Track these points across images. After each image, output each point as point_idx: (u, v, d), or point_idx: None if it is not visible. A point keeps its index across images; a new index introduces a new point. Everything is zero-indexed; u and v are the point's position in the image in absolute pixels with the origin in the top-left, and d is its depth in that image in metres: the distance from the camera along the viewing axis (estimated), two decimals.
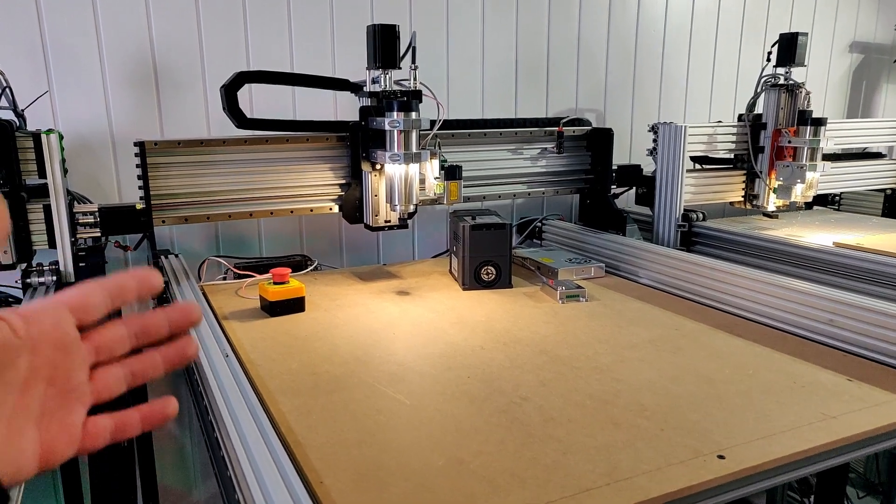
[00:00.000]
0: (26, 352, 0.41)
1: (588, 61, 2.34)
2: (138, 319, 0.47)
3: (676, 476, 0.77)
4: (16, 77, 1.48)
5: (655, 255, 1.64)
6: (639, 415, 0.93)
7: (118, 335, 0.46)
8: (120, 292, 0.46)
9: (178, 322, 0.49)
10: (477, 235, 1.55)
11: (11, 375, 0.40)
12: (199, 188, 1.60)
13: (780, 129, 2.05)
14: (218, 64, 1.79)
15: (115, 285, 0.46)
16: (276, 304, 1.36)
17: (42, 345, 0.42)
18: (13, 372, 0.40)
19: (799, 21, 2.75)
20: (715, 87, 2.64)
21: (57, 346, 0.42)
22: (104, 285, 0.46)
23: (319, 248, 1.99)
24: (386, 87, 1.56)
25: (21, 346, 0.40)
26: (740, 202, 2.18)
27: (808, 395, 0.99)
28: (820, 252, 1.68)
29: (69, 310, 0.44)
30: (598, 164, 2.05)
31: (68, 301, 0.44)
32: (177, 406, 0.48)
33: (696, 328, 1.30)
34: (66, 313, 0.44)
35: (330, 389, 1.02)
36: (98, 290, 0.46)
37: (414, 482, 0.77)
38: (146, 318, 0.48)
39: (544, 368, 1.10)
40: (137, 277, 0.47)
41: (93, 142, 1.71)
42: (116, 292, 0.46)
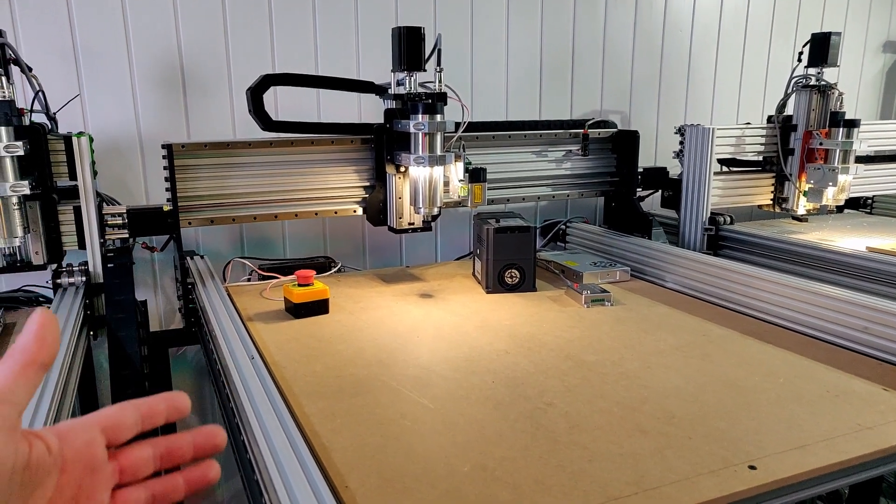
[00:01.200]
0: (56, 470, 0.41)
1: (613, 62, 2.32)
2: (164, 441, 0.48)
3: (706, 486, 0.75)
4: (48, 81, 1.50)
5: (682, 259, 1.61)
6: (666, 422, 0.91)
7: (144, 457, 0.47)
8: (151, 414, 0.47)
9: (203, 446, 0.49)
10: (501, 238, 1.54)
11: (39, 495, 0.40)
12: (224, 190, 1.61)
13: (811, 130, 2.01)
14: (244, 67, 1.81)
15: (148, 407, 0.47)
16: (300, 305, 1.37)
17: (72, 464, 0.42)
18: (41, 491, 0.40)
19: (830, 21, 2.70)
20: (743, 89, 2.60)
21: (86, 466, 0.43)
22: (137, 407, 0.47)
23: (343, 250, 2.00)
24: (411, 90, 1.56)
25: (53, 464, 0.40)
26: (769, 205, 2.14)
27: (842, 405, 0.97)
28: (852, 257, 1.64)
29: (101, 429, 0.44)
30: (624, 166, 2.03)
31: (102, 421, 0.45)
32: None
33: (724, 334, 1.28)
34: (99, 433, 0.44)
35: (354, 392, 1.02)
36: (131, 412, 0.46)
37: (439, 488, 0.77)
38: (172, 440, 0.48)
39: (570, 374, 1.09)
40: (168, 400, 0.48)
41: (121, 144, 1.74)
42: (148, 414, 0.47)
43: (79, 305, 1.34)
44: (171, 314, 1.84)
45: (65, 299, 1.36)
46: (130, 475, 0.46)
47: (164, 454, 0.48)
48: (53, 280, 1.44)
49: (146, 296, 1.80)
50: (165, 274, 1.83)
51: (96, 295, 1.44)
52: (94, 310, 1.43)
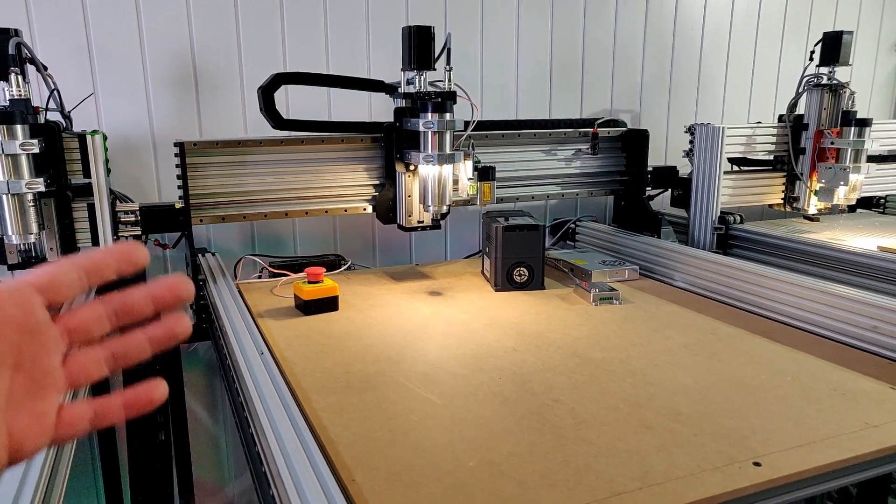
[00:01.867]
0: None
1: (623, 61, 2.32)
2: (117, 297, 0.42)
3: (711, 482, 0.76)
4: (63, 80, 1.52)
5: (691, 258, 1.61)
6: (673, 419, 0.92)
7: (95, 316, 0.42)
8: (97, 269, 0.42)
9: (165, 299, 0.43)
10: (510, 236, 1.55)
11: None
12: (235, 188, 1.63)
13: (822, 129, 2.00)
14: (255, 66, 1.82)
15: (91, 262, 0.42)
16: (310, 302, 1.38)
17: (5, 328, 0.38)
18: None
19: (843, 20, 2.68)
20: (754, 88, 2.59)
21: (22, 329, 0.38)
22: (77, 262, 0.42)
23: (353, 247, 2.01)
24: (420, 89, 1.56)
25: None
26: (779, 205, 2.13)
27: (850, 403, 0.96)
28: (863, 256, 1.63)
29: (37, 290, 0.40)
30: (633, 165, 2.03)
31: (36, 281, 0.40)
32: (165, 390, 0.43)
33: (732, 333, 1.28)
34: (34, 294, 0.39)
35: (363, 388, 1.03)
36: (70, 268, 0.41)
37: (445, 482, 0.77)
38: (127, 295, 0.43)
39: (577, 371, 1.09)
40: (117, 252, 0.43)
41: (135, 142, 1.76)
42: (92, 269, 0.42)
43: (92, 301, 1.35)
44: (183, 310, 1.86)
45: None
46: (83, 336, 0.42)
47: (121, 311, 0.42)
48: None
49: None
50: (177, 271, 1.85)
51: (109, 291, 1.45)
52: None
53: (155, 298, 0.43)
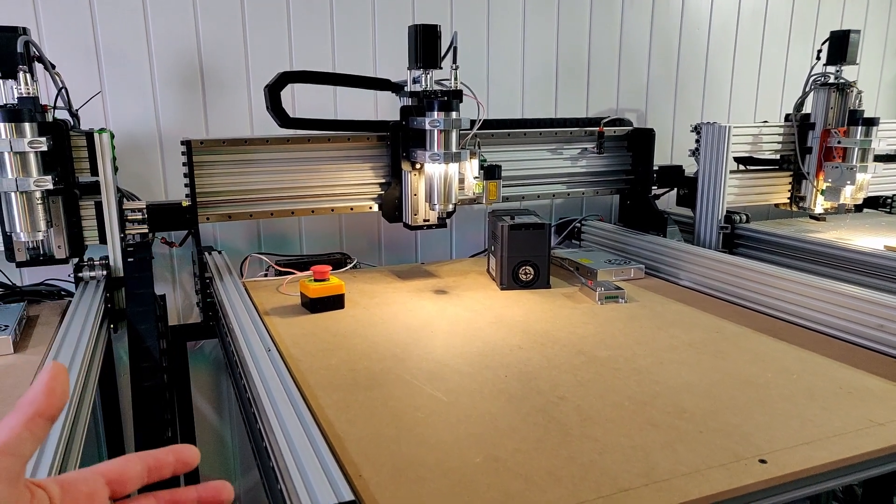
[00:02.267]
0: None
1: (630, 61, 2.32)
2: (169, 495, 0.47)
3: (716, 479, 0.76)
4: (71, 78, 1.53)
5: (696, 257, 1.61)
6: (678, 417, 0.92)
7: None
8: (157, 466, 0.46)
9: (208, 501, 0.48)
10: (515, 235, 1.55)
11: None
12: (242, 186, 1.64)
13: (829, 129, 2.00)
14: (262, 65, 1.83)
15: (154, 459, 0.46)
16: (316, 300, 1.39)
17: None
18: None
19: (850, 19, 2.67)
20: (761, 87, 2.58)
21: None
22: (143, 459, 0.46)
23: (359, 246, 2.02)
24: (427, 87, 1.57)
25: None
26: (786, 204, 2.13)
27: (855, 401, 0.96)
28: (870, 256, 1.63)
29: (105, 480, 0.44)
30: (639, 164, 2.03)
31: (106, 472, 0.44)
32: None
33: (737, 331, 1.28)
34: (103, 485, 0.44)
35: (369, 385, 1.03)
36: (136, 464, 0.46)
37: (451, 479, 0.78)
38: (177, 494, 0.47)
39: (582, 369, 1.09)
40: (176, 453, 0.48)
41: (142, 141, 1.77)
42: (154, 466, 0.46)
43: (100, 299, 1.37)
44: (190, 308, 1.87)
45: (86, 293, 1.39)
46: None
47: None
48: (75, 274, 1.47)
49: (165, 290, 1.83)
50: (184, 269, 1.86)
51: (117, 289, 1.47)
52: (114, 303, 1.46)
53: (201, 500, 0.47)
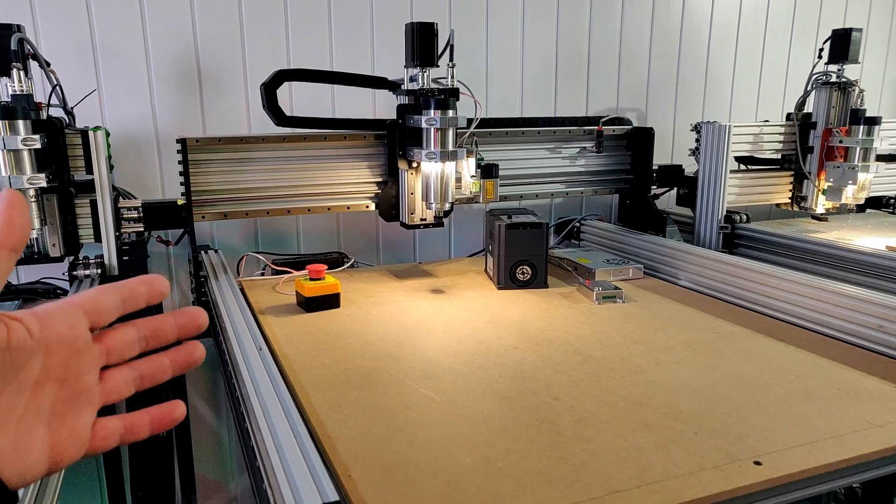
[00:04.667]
0: (40, 352, 0.41)
1: (630, 59, 2.31)
2: (147, 323, 0.47)
3: (710, 481, 0.75)
4: (66, 75, 1.53)
5: (695, 257, 1.60)
6: (673, 417, 0.91)
7: (128, 338, 0.46)
8: (132, 296, 0.46)
9: (186, 326, 0.49)
10: (513, 234, 1.54)
11: (24, 376, 0.40)
12: (238, 185, 1.63)
13: (830, 128, 1.98)
14: (259, 63, 1.82)
15: (128, 289, 0.46)
16: (311, 299, 1.38)
17: (55, 346, 0.42)
18: (26, 372, 0.40)
19: (853, 17, 2.66)
20: (762, 86, 2.57)
21: (70, 347, 0.42)
22: (117, 289, 0.46)
23: (356, 245, 2.01)
24: (424, 86, 1.56)
25: (35, 346, 0.40)
26: (787, 204, 2.11)
27: (853, 402, 0.95)
28: (872, 256, 1.61)
29: (83, 312, 0.44)
30: (639, 163, 2.01)
31: (82, 303, 0.44)
32: (184, 410, 0.49)
33: (735, 331, 1.27)
34: (80, 315, 0.44)
35: (361, 385, 1.03)
36: (111, 294, 0.46)
37: (441, 479, 0.77)
38: (155, 321, 0.48)
39: (577, 369, 1.08)
40: (147, 282, 0.47)
41: (138, 139, 1.76)
42: (128, 296, 0.46)
43: None
44: None
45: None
46: (117, 356, 0.46)
47: (149, 335, 0.47)
48: (70, 272, 1.46)
49: None
50: (180, 268, 1.85)
51: None
52: None
53: (179, 326, 0.48)
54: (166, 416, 0.48)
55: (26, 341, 0.40)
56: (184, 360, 0.49)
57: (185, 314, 0.49)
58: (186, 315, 0.49)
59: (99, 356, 0.45)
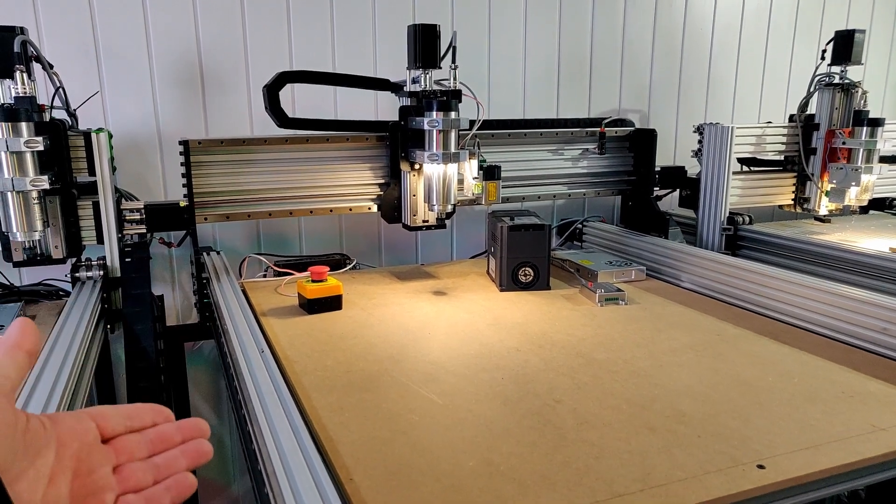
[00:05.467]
0: (53, 444, 0.44)
1: (632, 61, 2.30)
2: (152, 430, 0.51)
3: (713, 484, 0.74)
4: (69, 78, 1.53)
5: (698, 259, 1.60)
6: (676, 420, 0.90)
7: (134, 440, 0.50)
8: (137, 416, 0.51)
9: (191, 432, 0.53)
10: (515, 236, 1.53)
11: (41, 464, 0.43)
12: (240, 186, 1.63)
13: (833, 129, 1.98)
14: (261, 65, 1.82)
15: (133, 410, 0.51)
16: (313, 301, 1.38)
17: (67, 439, 0.45)
18: (42, 461, 0.43)
19: (856, 19, 2.65)
20: (765, 88, 2.56)
21: (80, 442, 0.46)
22: (120, 408, 0.51)
23: (358, 247, 2.01)
24: (426, 87, 1.56)
25: (48, 437, 0.44)
26: (790, 206, 2.11)
27: (857, 406, 0.95)
28: (875, 258, 1.61)
29: (89, 417, 0.48)
30: (641, 165, 2.01)
31: (88, 411, 0.49)
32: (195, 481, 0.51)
33: (738, 334, 1.26)
34: (87, 418, 0.48)
35: (363, 387, 1.02)
36: (115, 409, 0.50)
37: (444, 482, 0.76)
38: (159, 430, 0.51)
39: (580, 371, 1.08)
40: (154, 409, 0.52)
41: (141, 141, 1.76)
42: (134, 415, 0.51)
43: (96, 299, 1.36)
44: (188, 309, 1.86)
45: (82, 292, 1.38)
46: (127, 456, 0.49)
47: (154, 439, 0.51)
48: (72, 274, 1.46)
49: (164, 291, 1.82)
50: (183, 269, 1.85)
51: (114, 289, 1.46)
52: (111, 303, 1.45)
53: (182, 431, 0.52)
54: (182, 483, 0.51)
55: (41, 430, 0.43)
56: (194, 452, 0.52)
57: (188, 423, 0.53)
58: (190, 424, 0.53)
59: (109, 454, 0.48)
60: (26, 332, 0.46)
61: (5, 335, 0.45)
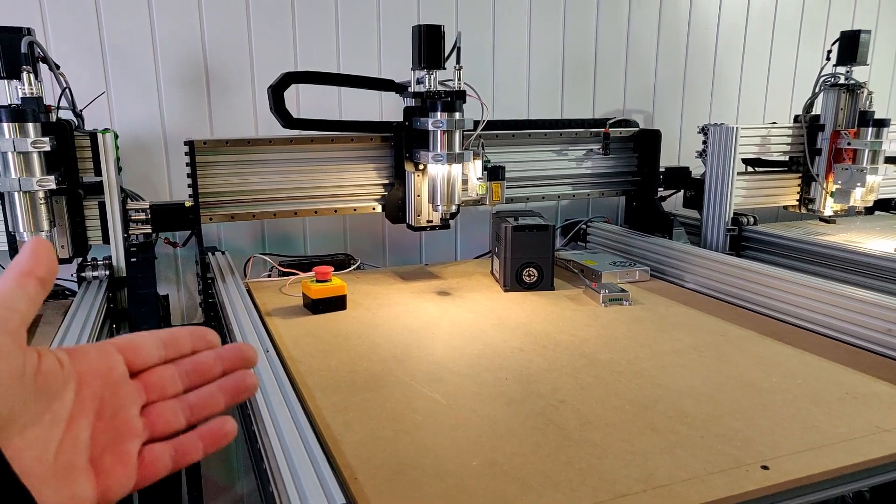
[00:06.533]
0: (72, 383, 0.40)
1: (637, 61, 2.30)
2: (188, 360, 0.46)
3: (716, 485, 0.74)
4: (75, 78, 1.53)
5: (702, 260, 1.59)
6: (679, 421, 0.90)
7: (168, 374, 0.45)
8: (173, 342, 0.46)
9: (233, 362, 0.47)
10: (519, 236, 1.54)
11: (58, 407, 0.39)
12: (245, 187, 1.63)
13: (839, 130, 1.97)
14: (266, 65, 1.83)
15: (169, 336, 0.46)
16: (318, 301, 1.38)
17: (87, 377, 0.41)
18: (59, 403, 0.39)
19: (862, 19, 2.64)
20: (770, 88, 2.56)
21: (103, 380, 0.42)
22: (156, 334, 0.45)
23: (363, 247, 2.01)
24: (430, 88, 1.56)
25: (67, 376, 0.40)
26: (795, 206, 2.10)
27: (861, 407, 0.95)
28: (880, 259, 1.61)
29: (117, 349, 0.43)
30: (645, 165, 2.01)
31: (116, 342, 0.44)
32: (235, 425, 0.46)
33: (742, 334, 1.26)
34: (114, 351, 0.43)
35: (368, 387, 1.03)
36: (149, 337, 0.45)
37: (447, 482, 0.77)
38: (196, 358, 0.46)
39: (583, 372, 1.08)
40: (192, 332, 0.47)
41: (146, 141, 1.77)
42: (170, 342, 0.46)
43: (102, 298, 1.37)
44: (194, 309, 1.87)
45: (88, 292, 1.39)
46: (157, 393, 0.44)
47: (191, 371, 0.46)
48: (78, 273, 1.47)
49: (169, 291, 1.83)
50: (188, 269, 1.86)
51: (119, 289, 1.47)
52: (116, 303, 1.46)
53: (223, 360, 0.47)
54: (216, 432, 0.46)
55: (57, 370, 0.39)
56: (234, 388, 0.47)
57: (231, 350, 0.47)
58: (233, 350, 0.47)
59: (137, 392, 0.43)
60: (39, 256, 0.40)
61: (16, 259, 0.40)
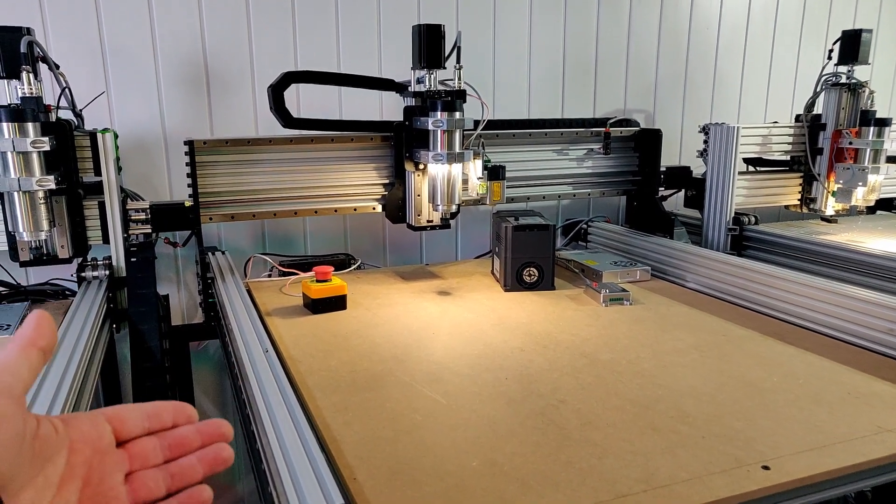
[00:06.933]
0: (64, 449, 0.42)
1: (638, 61, 2.30)
2: (169, 434, 0.49)
3: (717, 485, 0.74)
4: (75, 78, 1.53)
5: (703, 259, 1.59)
6: (680, 421, 0.90)
7: (150, 445, 0.48)
8: (157, 416, 0.49)
9: (211, 436, 0.50)
10: (519, 236, 1.53)
11: (51, 471, 0.41)
12: (245, 186, 1.63)
13: (840, 129, 1.97)
14: (266, 65, 1.83)
15: (153, 409, 0.49)
16: (318, 301, 1.38)
17: (79, 444, 0.43)
18: (52, 468, 0.41)
19: (863, 18, 2.64)
20: (771, 87, 2.55)
21: (93, 448, 0.44)
22: (141, 407, 0.49)
23: (363, 247, 2.01)
24: (431, 87, 1.56)
25: (60, 442, 0.42)
26: (796, 206, 2.10)
27: (863, 407, 0.94)
28: (882, 258, 1.60)
29: (105, 419, 0.46)
30: (646, 165, 2.01)
31: (106, 412, 0.47)
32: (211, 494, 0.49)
33: (744, 334, 1.26)
34: (103, 420, 0.46)
35: (367, 387, 1.02)
36: (134, 409, 0.48)
37: (447, 482, 0.76)
38: (177, 432, 0.49)
39: (584, 372, 1.08)
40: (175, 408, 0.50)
41: (146, 141, 1.77)
42: (153, 415, 0.49)
43: (102, 298, 1.36)
44: (194, 309, 1.87)
45: (88, 292, 1.39)
46: (140, 462, 0.47)
47: (172, 444, 0.49)
48: (78, 273, 1.47)
49: (169, 290, 1.83)
50: (188, 269, 1.85)
51: (119, 288, 1.47)
52: (116, 303, 1.46)
53: (202, 434, 0.50)
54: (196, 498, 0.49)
55: (52, 435, 0.42)
56: (212, 460, 0.50)
57: (209, 426, 0.50)
58: (212, 426, 0.51)
59: (123, 460, 0.46)
60: (42, 328, 0.44)
61: (20, 330, 0.43)
